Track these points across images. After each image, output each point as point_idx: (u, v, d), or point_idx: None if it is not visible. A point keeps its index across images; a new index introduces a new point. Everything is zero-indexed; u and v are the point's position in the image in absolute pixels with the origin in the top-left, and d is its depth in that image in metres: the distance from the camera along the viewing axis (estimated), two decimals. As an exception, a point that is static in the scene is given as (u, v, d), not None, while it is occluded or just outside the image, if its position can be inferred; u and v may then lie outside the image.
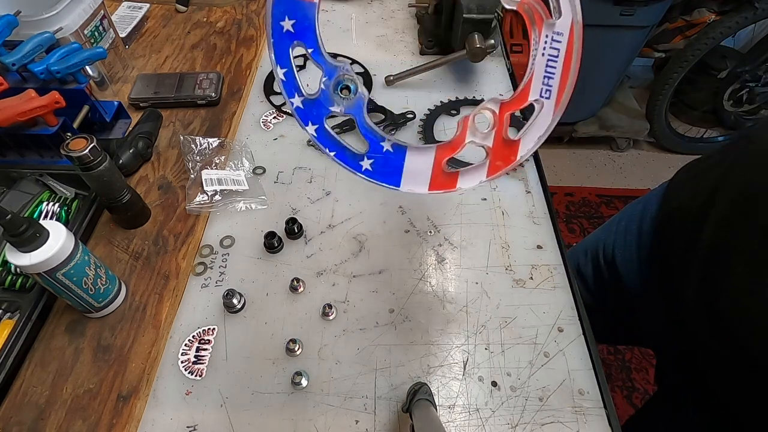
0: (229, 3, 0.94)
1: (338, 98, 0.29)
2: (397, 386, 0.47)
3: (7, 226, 0.38)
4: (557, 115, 0.27)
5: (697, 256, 0.48)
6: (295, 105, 0.28)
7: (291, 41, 0.27)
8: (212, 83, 0.73)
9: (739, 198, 0.45)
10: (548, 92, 0.27)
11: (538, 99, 0.28)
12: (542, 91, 0.27)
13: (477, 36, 0.71)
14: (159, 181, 0.63)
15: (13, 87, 0.58)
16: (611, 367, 1.39)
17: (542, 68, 0.27)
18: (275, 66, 0.27)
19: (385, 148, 0.30)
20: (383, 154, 0.29)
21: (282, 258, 0.57)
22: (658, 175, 1.96)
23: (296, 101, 0.28)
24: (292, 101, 0.28)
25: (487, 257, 0.57)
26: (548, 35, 0.27)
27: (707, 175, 0.54)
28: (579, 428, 0.45)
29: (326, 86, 0.29)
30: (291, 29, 0.26)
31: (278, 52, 0.27)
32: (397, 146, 0.30)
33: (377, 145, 0.29)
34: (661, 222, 0.60)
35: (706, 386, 0.50)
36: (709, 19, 1.63)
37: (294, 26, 0.26)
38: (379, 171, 0.29)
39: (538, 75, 0.27)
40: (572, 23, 0.26)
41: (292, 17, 0.26)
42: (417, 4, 0.98)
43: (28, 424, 0.43)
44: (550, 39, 0.27)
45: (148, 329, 0.49)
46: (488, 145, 0.29)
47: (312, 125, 0.29)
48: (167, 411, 0.46)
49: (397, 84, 0.78)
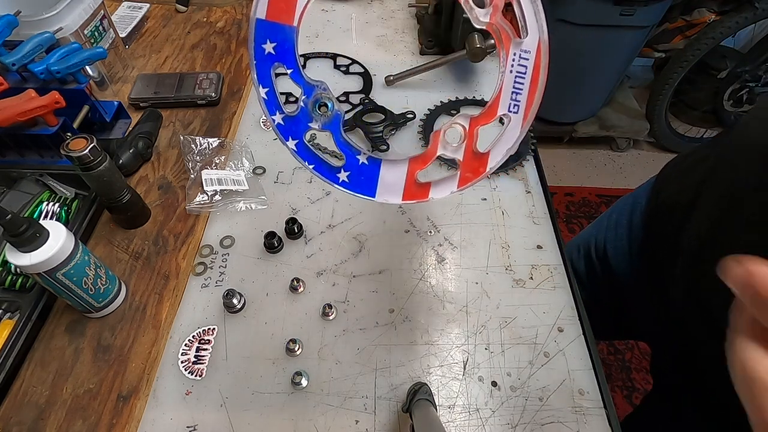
0: (229, 3, 0.94)
1: (317, 115, 0.31)
2: (397, 386, 0.47)
3: (7, 226, 0.38)
4: (525, 128, 0.29)
5: (685, 250, 0.49)
6: (276, 122, 0.30)
7: (272, 62, 0.28)
8: (212, 83, 0.73)
9: (726, 193, 0.46)
10: (516, 107, 0.29)
11: (506, 114, 0.29)
12: (510, 106, 0.29)
13: (477, 36, 0.71)
14: (159, 181, 0.63)
15: (13, 87, 0.58)
16: (611, 367, 1.39)
17: (510, 84, 0.29)
18: (257, 86, 0.29)
19: (361, 161, 0.31)
20: (359, 167, 0.31)
21: (282, 258, 0.57)
22: (658, 175, 1.96)
23: (277, 118, 0.30)
24: (274, 118, 0.30)
25: (487, 257, 0.57)
26: (516, 53, 0.28)
27: (694, 170, 0.54)
28: (579, 428, 0.45)
29: (305, 104, 0.30)
30: (272, 51, 0.28)
31: (260, 72, 0.29)
32: (372, 159, 0.31)
33: (353, 159, 0.31)
34: (650, 215, 0.60)
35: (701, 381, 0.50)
36: (709, 19, 1.63)
37: (275, 48, 0.28)
38: (354, 182, 0.31)
39: (506, 91, 0.29)
40: (539, 42, 0.27)
41: (273, 40, 0.28)
42: (417, 4, 0.98)
43: (28, 424, 0.43)
44: (518, 57, 0.28)
45: (148, 329, 0.49)
46: (458, 158, 0.31)
47: (292, 140, 0.31)
48: (167, 411, 0.46)
49: (397, 84, 0.78)
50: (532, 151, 0.69)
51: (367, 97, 0.76)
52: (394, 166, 0.31)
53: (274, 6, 0.27)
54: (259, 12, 0.27)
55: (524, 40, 0.28)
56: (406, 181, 0.31)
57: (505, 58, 0.28)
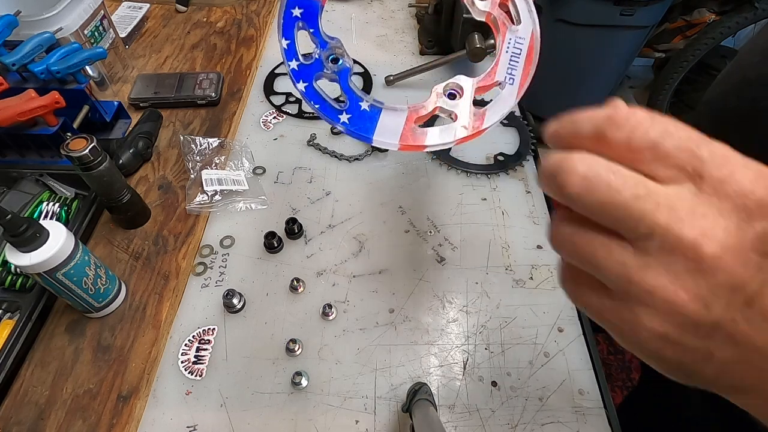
0: (229, 3, 0.94)
1: (329, 66, 0.35)
2: (397, 386, 0.47)
3: (7, 226, 0.38)
4: (518, 97, 0.34)
5: None
6: (291, 67, 0.35)
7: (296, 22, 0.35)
8: (212, 83, 0.73)
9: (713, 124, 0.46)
10: (512, 79, 0.34)
11: (502, 83, 0.35)
12: (506, 78, 0.34)
13: (477, 36, 0.71)
14: (159, 181, 0.63)
15: (13, 87, 0.58)
16: (611, 367, 1.39)
17: (506, 61, 0.34)
18: (281, 39, 0.34)
19: (363, 107, 0.35)
20: (360, 111, 0.35)
21: (282, 258, 0.57)
22: (658, 175, 1.96)
23: (293, 64, 0.35)
24: (290, 64, 0.35)
25: (487, 257, 0.57)
26: (511, 38, 0.34)
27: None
28: (579, 428, 0.45)
29: (320, 56, 0.35)
30: (299, 15, 0.35)
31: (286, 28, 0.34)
32: (374, 106, 0.35)
33: (356, 104, 0.35)
34: None
35: None
36: (709, 19, 1.63)
37: (302, 14, 0.34)
38: (355, 124, 0.34)
39: (502, 64, 0.35)
40: (532, 32, 0.34)
41: (301, 7, 0.34)
42: (417, 4, 0.98)
43: (28, 424, 0.43)
44: (513, 41, 0.34)
45: (148, 329, 0.49)
46: (456, 112, 0.35)
47: (303, 83, 0.35)
48: (167, 411, 0.46)
49: (397, 84, 0.78)
50: (532, 151, 0.69)
51: (367, 97, 0.76)
52: (395, 113, 0.35)
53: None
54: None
55: (518, 28, 0.34)
56: (404, 127, 0.34)
57: (502, 41, 0.34)
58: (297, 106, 0.76)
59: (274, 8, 0.95)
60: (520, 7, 0.34)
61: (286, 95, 0.78)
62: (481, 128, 0.34)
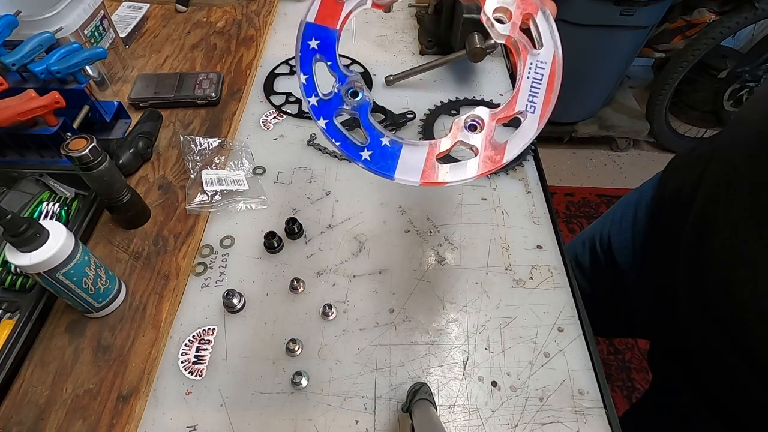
0: (229, 3, 0.94)
1: (348, 100, 0.34)
2: (397, 386, 0.47)
3: (7, 226, 0.38)
4: (540, 127, 0.32)
5: (685, 239, 0.49)
6: (311, 103, 0.34)
7: (314, 55, 0.34)
8: (212, 83, 0.73)
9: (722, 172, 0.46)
10: (533, 107, 0.32)
11: (523, 112, 0.33)
12: (527, 107, 0.32)
13: (477, 36, 0.71)
14: (159, 181, 0.63)
15: (13, 87, 0.58)
16: (611, 367, 1.39)
17: (528, 88, 0.32)
18: (299, 73, 0.34)
19: (384, 143, 0.34)
20: (381, 148, 0.34)
21: (282, 258, 0.57)
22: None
23: (312, 100, 0.34)
24: (309, 100, 0.34)
25: (487, 257, 0.57)
26: (532, 63, 0.32)
27: (699, 160, 0.54)
28: (579, 428, 0.45)
29: (338, 90, 0.34)
30: (316, 47, 0.34)
31: (303, 62, 0.34)
32: (395, 141, 0.34)
33: (377, 140, 0.34)
34: (655, 207, 0.60)
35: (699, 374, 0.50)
36: (709, 19, 1.63)
37: (318, 45, 0.34)
38: (376, 161, 0.34)
39: (523, 93, 0.32)
40: (554, 55, 0.32)
41: (318, 38, 0.34)
42: (417, 4, 0.98)
43: (28, 424, 0.43)
44: (534, 66, 0.32)
45: (148, 329, 0.49)
46: (477, 146, 0.34)
47: (323, 120, 0.34)
48: (167, 411, 0.46)
49: (397, 84, 0.78)
50: (532, 151, 0.69)
51: (367, 97, 0.76)
52: (415, 148, 0.34)
53: (323, 12, 0.33)
54: (309, 16, 0.33)
55: (540, 52, 0.32)
56: (425, 163, 0.34)
57: (523, 66, 0.32)
58: (297, 106, 0.76)
59: (274, 8, 0.95)
60: (542, 29, 0.33)
61: (286, 95, 0.78)
62: (502, 162, 0.33)
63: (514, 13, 0.32)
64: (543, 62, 0.32)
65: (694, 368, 0.51)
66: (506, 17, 0.32)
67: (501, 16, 0.33)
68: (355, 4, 0.33)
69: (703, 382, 0.50)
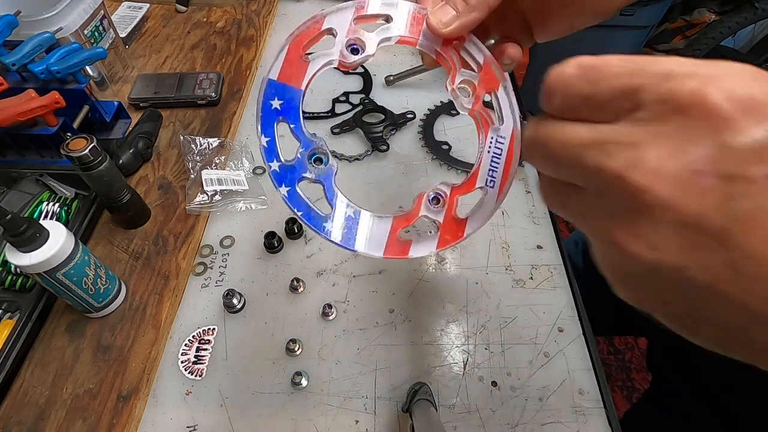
0: (229, 3, 0.94)
1: (311, 167, 0.33)
2: (397, 386, 0.47)
3: (7, 226, 0.38)
4: (499, 203, 0.32)
5: None
6: (272, 168, 0.32)
7: (276, 116, 0.31)
8: (212, 83, 0.73)
9: None
10: (492, 182, 0.32)
11: (483, 187, 0.32)
12: (487, 181, 0.32)
13: (477, 36, 0.71)
14: (159, 181, 0.63)
15: (13, 87, 0.58)
16: (611, 367, 1.39)
17: (488, 163, 0.32)
18: (260, 135, 0.31)
19: (348, 213, 0.33)
20: (345, 218, 0.33)
21: (282, 258, 0.57)
22: (658, 175, 1.96)
23: (274, 165, 0.32)
24: (270, 165, 0.32)
25: (487, 257, 0.57)
26: (493, 137, 0.32)
27: None
28: (579, 428, 0.45)
29: (302, 156, 0.33)
30: (278, 107, 0.31)
31: (265, 123, 0.31)
32: (358, 212, 0.33)
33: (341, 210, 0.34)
34: None
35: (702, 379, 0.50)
36: (709, 19, 1.63)
37: (281, 105, 0.31)
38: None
39: (484, 167, 0.32)
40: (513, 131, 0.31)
41: (280, 98, 0.31)
42: (417, 4, 0.98)
43: (28, 424, 0.43)
44: (494, 140, 0.32)
45: (148, 329, 0.49)
46: (439, 220, 0.34)
47: (285, 187, 0.33)
48: (167, 411, 0.46)
49: (397, 84, 0.78)
50: (532, 152, 0.69)
51: (367, 97, 0.76)
52: (379, 220, 0.34)
53: (286, 70, 0.31)
54: (272, 73, 0.31)
55: (501, 127, 0.31)
56: (388, 237, 0.33)
57: (484, 140, 0.32)
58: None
59: (274, 8, 0.95)
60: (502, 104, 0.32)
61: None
62: (464, 236, 0.33)
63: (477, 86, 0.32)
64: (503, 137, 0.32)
65: (694, 368, 0.51)
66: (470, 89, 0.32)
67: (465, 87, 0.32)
68: (321, 64, 0.32)
69: (703, 382, 0.50)
